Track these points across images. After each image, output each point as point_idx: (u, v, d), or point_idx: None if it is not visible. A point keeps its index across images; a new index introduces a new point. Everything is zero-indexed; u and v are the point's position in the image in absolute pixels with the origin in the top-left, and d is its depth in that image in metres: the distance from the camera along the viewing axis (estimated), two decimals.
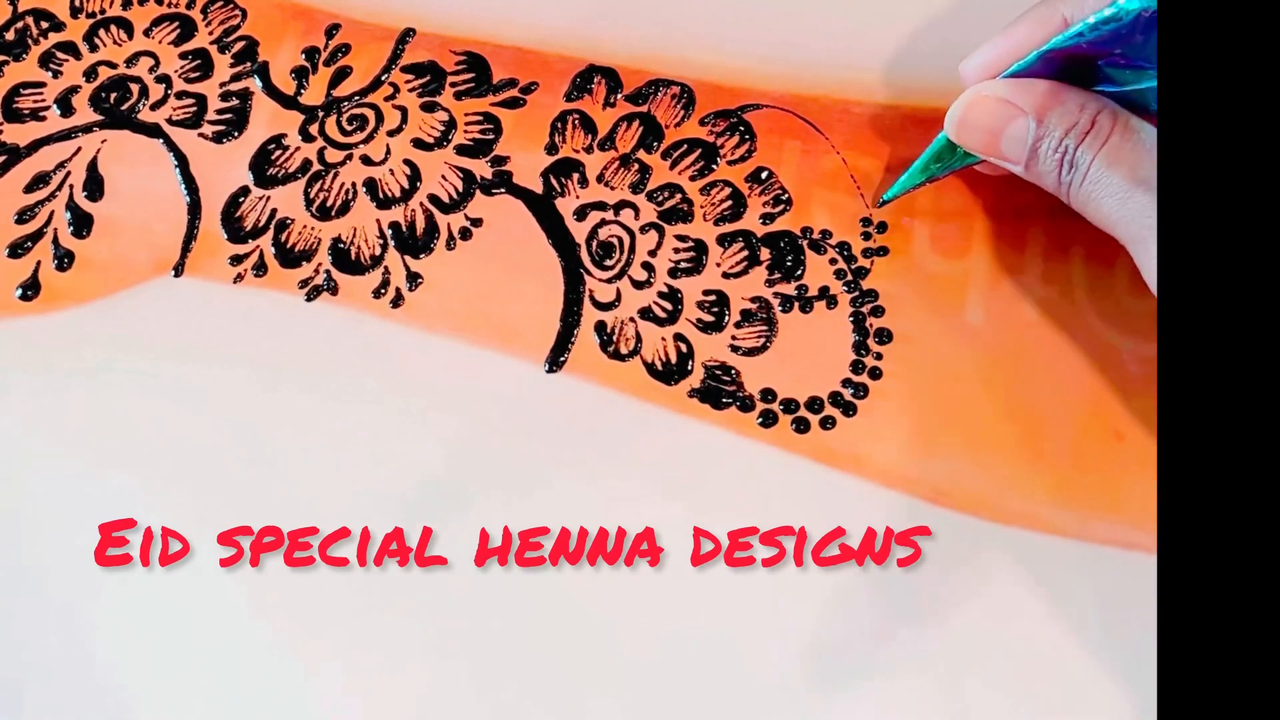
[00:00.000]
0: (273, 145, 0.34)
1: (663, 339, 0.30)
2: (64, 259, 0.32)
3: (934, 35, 0.34)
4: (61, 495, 0.29)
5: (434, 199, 0.33)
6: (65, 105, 0.34)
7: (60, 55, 0.35)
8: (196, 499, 0.29)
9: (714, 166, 0.32)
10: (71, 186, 0.33)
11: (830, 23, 0.34)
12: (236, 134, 0.34)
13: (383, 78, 0.34)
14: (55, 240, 0.32)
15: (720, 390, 0.29)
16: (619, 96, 0.34)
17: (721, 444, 0.29)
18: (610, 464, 0.29)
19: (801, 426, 0.29)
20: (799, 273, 0.31)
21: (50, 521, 0.29)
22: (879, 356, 0.29)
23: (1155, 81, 0.26)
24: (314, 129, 0.34)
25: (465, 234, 0.32)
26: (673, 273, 0.31)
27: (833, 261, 0.31)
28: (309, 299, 0.31)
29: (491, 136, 0.33)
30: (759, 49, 0.34)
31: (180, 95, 0.34)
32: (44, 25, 0.36)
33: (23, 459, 0.29)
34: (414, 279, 0.31)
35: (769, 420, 0.29)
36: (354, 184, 0.33)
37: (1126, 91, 0.26)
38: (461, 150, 0.33)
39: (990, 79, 0.28)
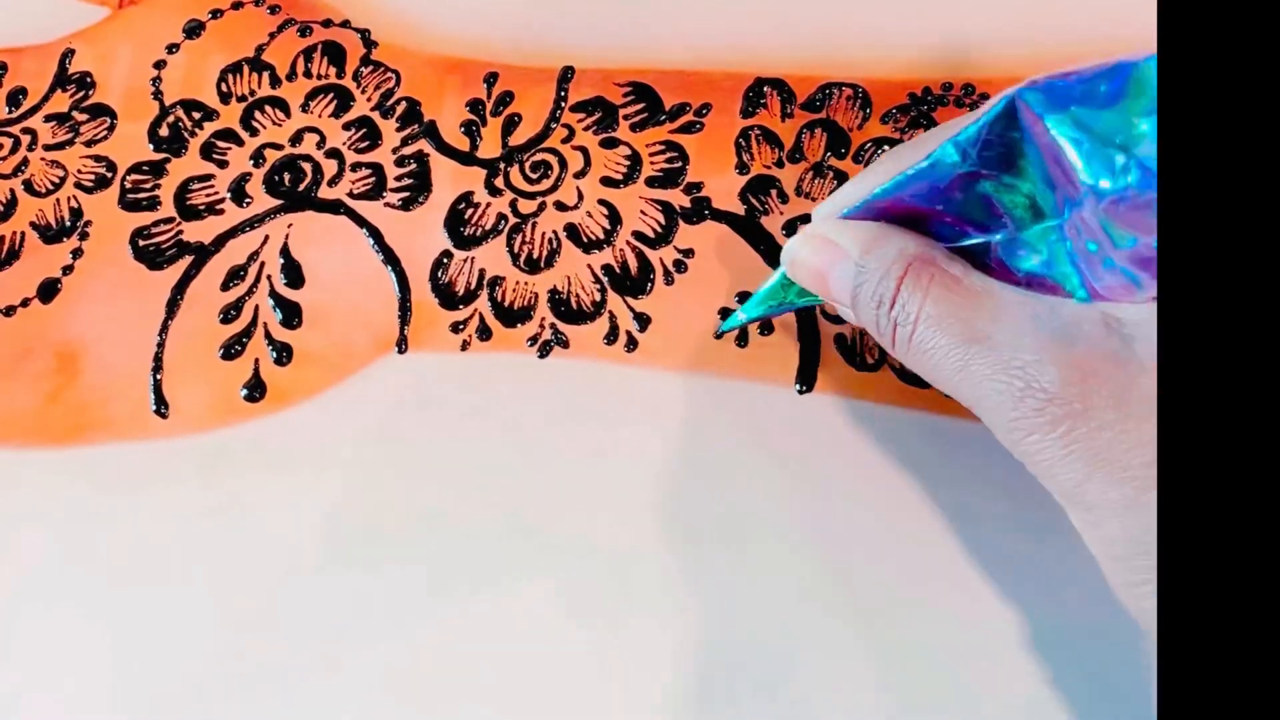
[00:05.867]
0: (463, 204, 0.33)
1: None
2: (282, 353, 0.32)
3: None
4: (339, 593, 0.29)
5: (639, 235, 0.32)
6: (239, 194, 0.34)
7: (221, 144, 0.35)
8: (472, 570, 0.28)
9: None
10: (269, 277, 0.33)
11: (993, 16, 0.35)
12: (423, 199, 0.33)
13: (555, 121, 0.34)
14: (268, 334, 0.32)
15: None
16: (795, 106, 0.34)
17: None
18: (866, 475, 0.29)
19: None
20: None
21: (318, 625, 0.28)
22: None
23: (980, 239, 0.23)
24: (499, 182, 0.33)
25: (680, 266, 0.32)
26: None
27: None
28: (541, 355, 0.31)
29: (679, 164, 0.33)
30: (929, 39, 0.34)
31: (355, 167, 0.34)
32: (196, 115, 0.35)
33: (289, 562, 0.29)
34: (642, 320, 0.31)
35: None
36: (555, 232, 0.33)
37: (964, 246, 0.23)
38: (652, 182, 0.33)
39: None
